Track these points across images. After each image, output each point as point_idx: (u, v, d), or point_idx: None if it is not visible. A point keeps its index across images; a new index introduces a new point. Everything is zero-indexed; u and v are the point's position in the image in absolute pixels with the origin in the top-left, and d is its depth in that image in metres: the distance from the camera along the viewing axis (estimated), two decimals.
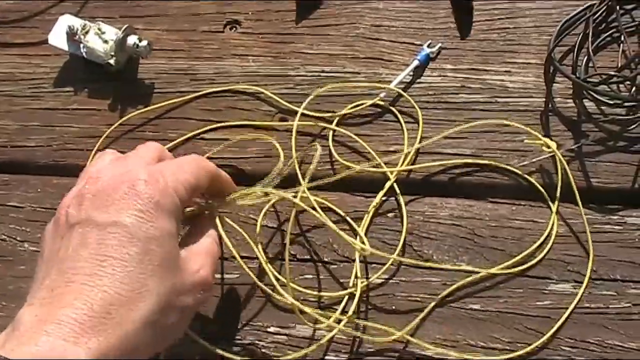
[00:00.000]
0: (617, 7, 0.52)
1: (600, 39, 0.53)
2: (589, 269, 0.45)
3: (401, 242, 0.47)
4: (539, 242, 0.46)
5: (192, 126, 0.54)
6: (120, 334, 0.32)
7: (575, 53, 0.52)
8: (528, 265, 0.46)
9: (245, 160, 0.52)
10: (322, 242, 0.48)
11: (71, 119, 0.56)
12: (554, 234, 0.47)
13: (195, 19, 0.59)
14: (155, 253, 0.35)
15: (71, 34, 0.55)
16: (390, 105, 0.53)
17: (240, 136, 0.52)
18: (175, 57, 0.57)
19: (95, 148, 0.54)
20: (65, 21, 0.56)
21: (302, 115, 0.52)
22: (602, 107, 0.51)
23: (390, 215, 0.49)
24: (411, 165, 0.50)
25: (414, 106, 0.52)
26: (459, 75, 0.54)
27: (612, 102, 0.50)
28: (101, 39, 0.54)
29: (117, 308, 0.33)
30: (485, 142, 0.51)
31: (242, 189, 0.44)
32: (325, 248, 0.48)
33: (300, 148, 0.51)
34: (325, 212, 0.46)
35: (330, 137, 0.52)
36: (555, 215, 0.47)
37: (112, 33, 0.55)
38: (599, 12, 0.52)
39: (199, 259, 0.39)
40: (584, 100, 0.51)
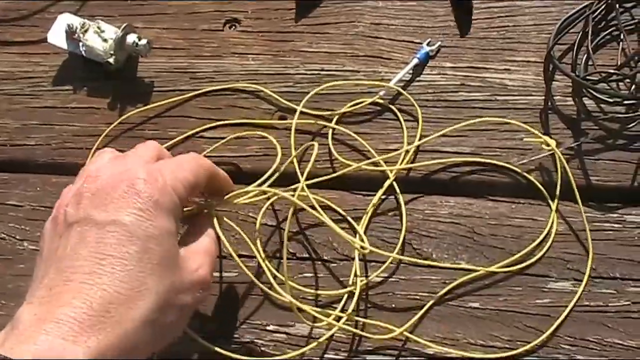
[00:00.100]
0: (616, 5, 0.52)
1: (599, 37, 0.53)
2: (588, 267, 0.45)
3: (401, 240, 0.47)
4: (538, 240, 0.46)
5: (192, 124, 0.54)
6: (120, 333, 0.32)
7: (574, 51, 0.52)
8: (527, 264, 0.46)
9: (245, 158, 0.52)
10: (322, 241, 0.48)
11: (70, 118, 0.56)
12: (554, 232, 0.47)
13: (195, 18, 0.59)
14: (154, 252, 0.35)
15: (70, 33, 0.55)
16: (389, 104, 0.53)
17: (237, 134, 0.52)
18: (175, 55, 0.57)
19: (95, 147, 0.54)
20: (65, 20, 0.56)
21: (302, 113, 0.52)
22: (602, 105, 0.51)
23: (389, 213, 0.49)
24: (411, 163, 0.50)
25: (414, 104, 0.52)
26: (459, 73, 0.54)
27: (611, 100, 0.50)
28: (100, 37, 0.54)
29: (116, 307, 0.33)
30: (484, 140, 0.51)
31: (240, 187, 0.44)
32: (324, 246, 0.48)
33: (299, 146, 0.51)
34: (325, 211, 0.46)
35: (329, 135, 0.51)
36: (554, 214, 0.47)
37: (111, 32, 0.55)
38: (599, 10, 0.52)
39: (198, 257, 0.39)
40: (584, 98, 0.51)
